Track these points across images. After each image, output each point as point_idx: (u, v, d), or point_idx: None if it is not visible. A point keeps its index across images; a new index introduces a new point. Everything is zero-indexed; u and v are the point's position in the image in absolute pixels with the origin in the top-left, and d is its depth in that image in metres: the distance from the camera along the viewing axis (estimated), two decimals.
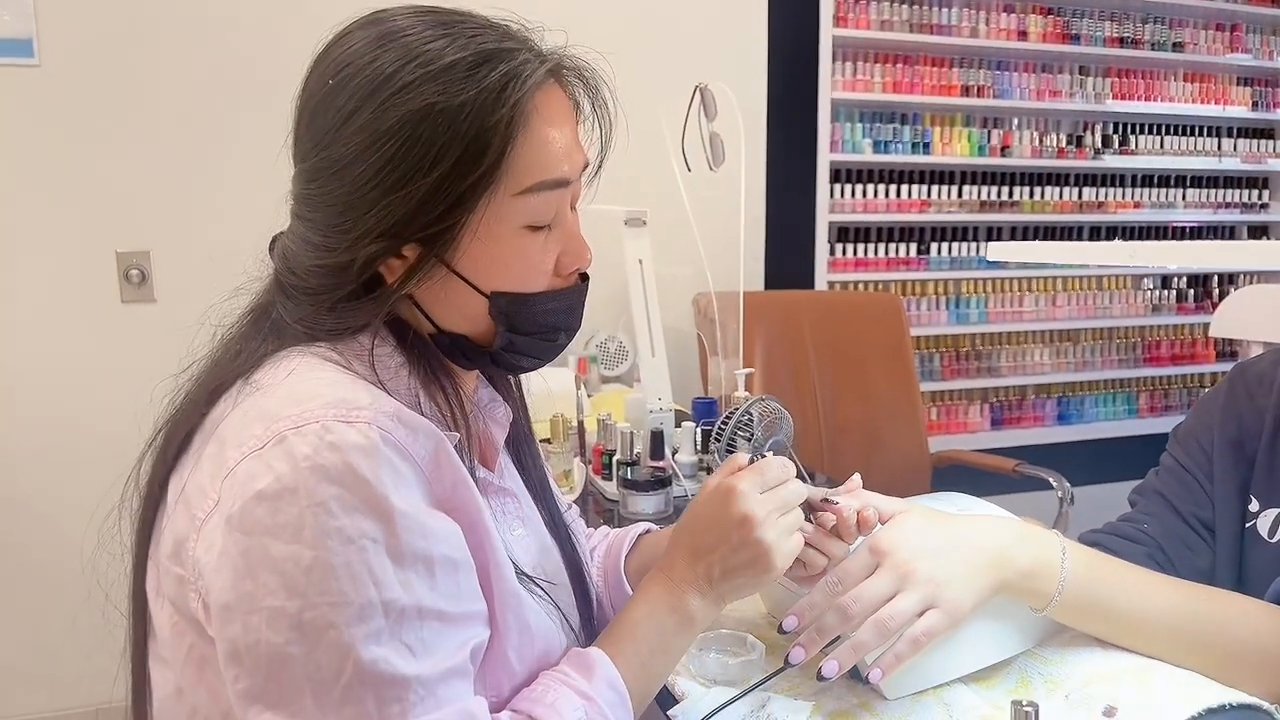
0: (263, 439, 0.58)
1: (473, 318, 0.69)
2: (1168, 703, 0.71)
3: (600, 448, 1.57)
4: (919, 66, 2.75)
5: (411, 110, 0.62)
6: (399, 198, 0.62)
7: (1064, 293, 3.03)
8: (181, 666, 0.62)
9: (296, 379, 0.62)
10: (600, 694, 0.65)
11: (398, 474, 0.59)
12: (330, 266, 0.65)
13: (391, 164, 0.62)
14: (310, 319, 0.66)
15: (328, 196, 0.65)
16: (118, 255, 2.12)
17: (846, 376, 2.30)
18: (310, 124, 0.66)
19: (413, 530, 0.58)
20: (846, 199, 2.74)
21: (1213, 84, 3.09)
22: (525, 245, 0.68)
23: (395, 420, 0.60)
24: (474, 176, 0.63)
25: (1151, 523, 1.01)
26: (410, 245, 0.65)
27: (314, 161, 0.66)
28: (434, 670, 0.58)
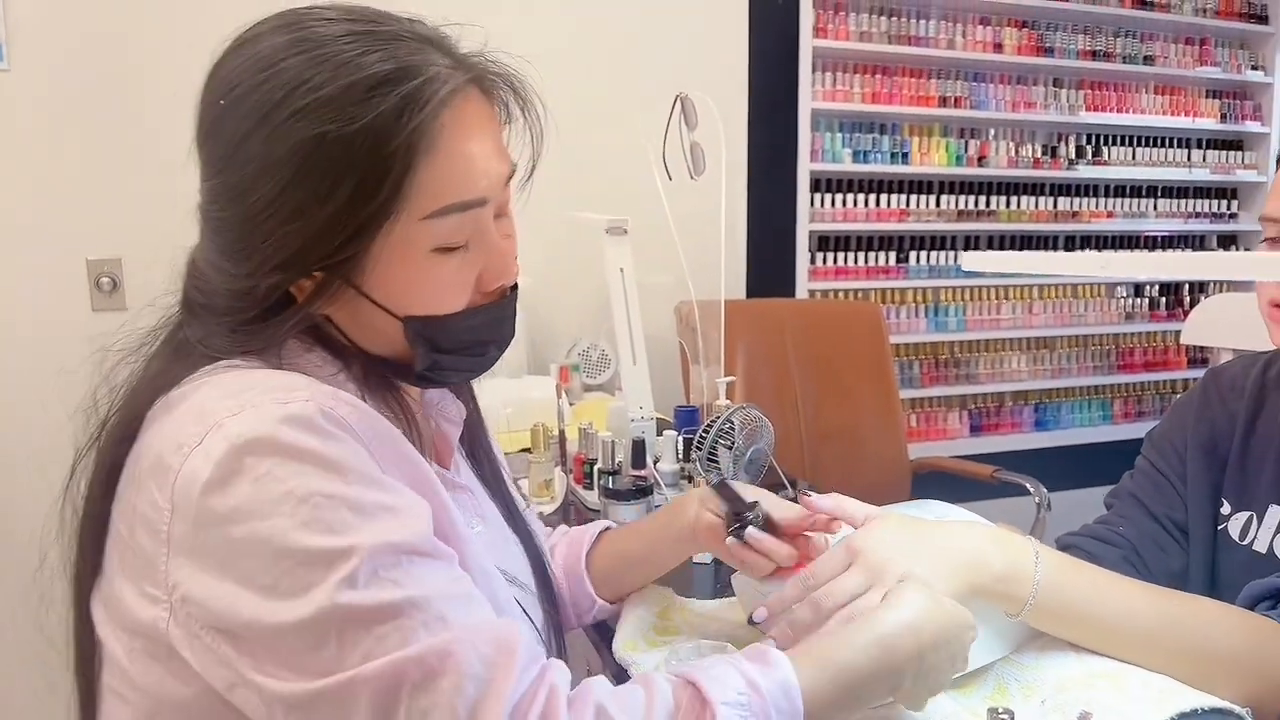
0: (199, 434, 0.56)
1: (390, 340, 0.66)
2: (1142, 707, 0.72)
3: (581, 456, 1.57)
4: (897, 77, 2.78)
5: (303, 139, 0.58)
6: (295, 229, 0.60)
7: (1040, 300, 3.07)
8: (143, 697, 0.60)
9: (226, 379, 0.60)
10: (770, 692, 0.58)
11: (338, 440, 0.57)
12: (236, 290, 0.63)
13: (284, 194, 0.59)
14: (213, 339, 0.63)
15: (228, 220, 0.62)
16: (88, 263, 2.09)
17: (827, 384, 2.32)
18: (205, 144, 0.64)
19: (365, 480, 0.56)
20: (826, 208, 2.76)
21: (1183, 96, 3.14)
22: (437, 268, 0.64)
23: (335, 399, 0.59)
24: (371, 207, 0.60)
25: (1126, 525, 1.03)
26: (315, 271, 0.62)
27: (212, 181, 0.63)
28: (428, 593, 0.55)
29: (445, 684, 0.52)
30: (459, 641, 0.54)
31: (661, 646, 0.92)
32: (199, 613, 0.56)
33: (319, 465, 0.55)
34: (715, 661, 0.61)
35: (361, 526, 0.55)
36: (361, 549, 0.54)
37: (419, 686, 0.52)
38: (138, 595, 0.58)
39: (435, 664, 0.53)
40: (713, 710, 0.56)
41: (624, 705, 0.56)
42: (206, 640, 0.56)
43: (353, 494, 0.56)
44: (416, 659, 0.53)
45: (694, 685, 0.58)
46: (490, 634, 0.55)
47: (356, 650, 0.53)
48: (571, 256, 2.28)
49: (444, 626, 0.54)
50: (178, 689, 0.59)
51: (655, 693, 0.57)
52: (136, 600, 0.59)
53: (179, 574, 0.56)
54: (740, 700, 0.57)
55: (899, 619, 0.66)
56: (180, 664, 0.58)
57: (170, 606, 0.57)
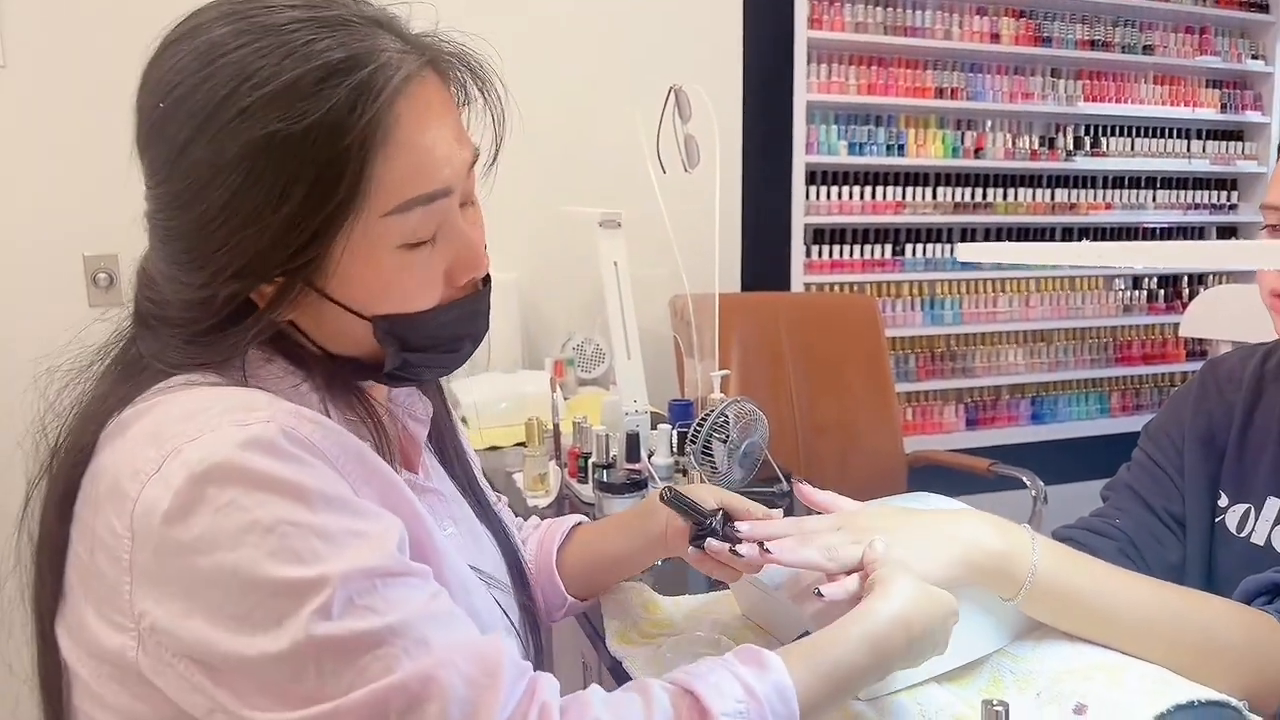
0: (157, 460, 0.54)
1: (358, 341, 0.64)
2: (1138, 699, 0.72)
3: (576, 451, 1.56)
4: (893, 68, 2.76)
5: (251, 139, 0.55)
6: (249, 235, 0.56)
7: (1037, 293, 3.06)
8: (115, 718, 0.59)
9: (181, 398, 0.58)
10: (768, 697, 0.58)
11: (303, 464, 0.55)
12: (193, 300, 0.59)
13: (235, 200, 0.56)
14: (168, 354, 0.60)
15: (177, 229, 0.59)
16: (85, 259, 2.09)
17: (822, 378, 2.31)
18: (146, 150, 0.60)
19: (332, 507, 0.55)
20: (822, 200, 2.75)
21: (1182, 86, 3.13)
22: (404, 266, 0.61)
23: (298, 416, 0.57)
24: (329, 208, 0.57)
25: (1123, 518, 1.02)
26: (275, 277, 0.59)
27: (156, 189, 0.60)
28: (407, 618, 0.53)
29: (431, 709, 0.51)
30: (442, 665, 0.53)
31: (655, 640, 0.91)
32: (170, 642, 0.54)
33: (283, 492, 0.53)
34: (710, 666, 0.60)
35: (331, 554, 0.53)
36: (333, 578, 0.52)
37: (404, 714, 0.51)
38: (102, 622, 0.57)
39: (419, 690, 0.52)
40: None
41: (621, 717, 0.55)
42: (180, 669, 0.54)
43: (319, 521, 0.54)
44: (400, 686, 0.51)
45: (692, 694, 0.57)
46: (473, 653, 0.54)
47: (339, 681, 0.52)
48: (565, 251, 2.27)
49: (425, 650, 0.53)
50: (148, 713, 0.57)
51: (653, 703, 0.56)
52: (101, 627, 0.57)
53: (144, 603, 0.54)
54: (739, 709, 0.56)
55: (889, 611, 0.65)
56: (150, 689, 0.56)
57: (138, 635, 0.55)
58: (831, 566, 0.71)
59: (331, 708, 0.51)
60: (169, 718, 0.56)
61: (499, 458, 1.74)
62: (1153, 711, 0.70)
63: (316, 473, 0.55)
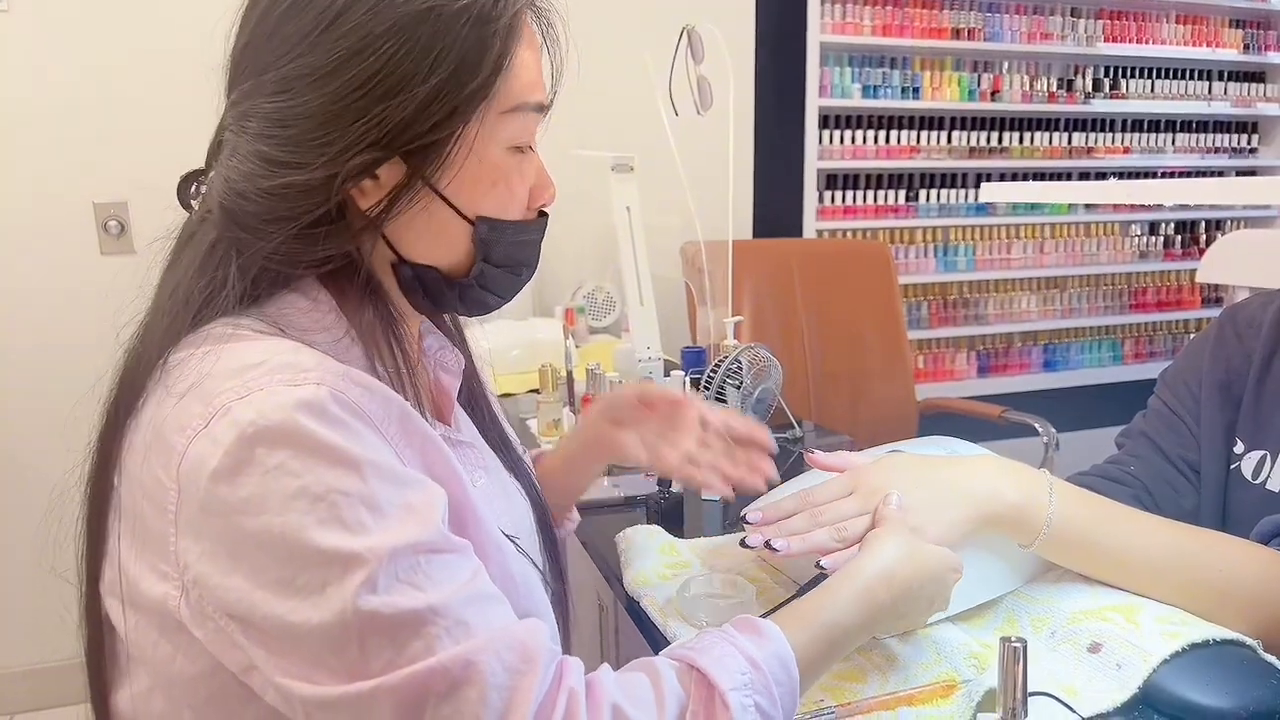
0: (205, 416, 0.54)
1: (450, 247, 0.66)
2: (1153, 639, 0.72)
3: (589, 397, 1.56)
4: (908, 9, 2.70)
5: (409, 12, 0.58)
6: (393, 105, 0.58)
7: (1052, 240, 3.03)
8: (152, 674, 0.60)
9: (229, 351, 0.58)
10: (770, 667, 0.59)
11: (352, 430, 0.55)
12: (299, 186, 0.60)
13: (387, 68, 0.58)
14: (283, 251, 0.61)
15: (304, 107, 0.59)
16: (95, 206, 2.08)
17: (835, 325, 2.30)
18: (278, 29, 0.60)
19: (381, 476, 0.55)
20: (835, 145, 2.71)
21: (1205, 26, 3.06)
22: (510, 168, 0.66)
23: (346, 380, 0.57)
24: (473, 85, 0.60)
25: (1137, 464, 1.02)
26: (392, 164, 0.61)
27: (285, 69, 0.60)
28: (449, 598, 0.54)
29: (471, 694, 0.52)
30: (482, 650, 0.53)
31: (672, 580, 0.92)
32: (211, 597, 0.54)
33: (334, 459, 0.54)
34: (712, 640, 0.61)
35: (379, 526, 0.54)
36: (380, 551, 0.53)
37: (444, 697, 0.52)
38: (146, 569, 0.57)
39: (459, 674, 0.52)
40: (723, 697, 0.56)
41: (635, 699, 0.56)
42: (220, 622, 0.55)
43: (368, 490, 0.54)
44: (441, 670, 0.52)
45: (697, 669, 0.58)
46: (513, 639, 0.55)
47: (380, 658, 0.52)
48: (576, 195, 2.23)
49: (466, 633, 0.53)
50: (187, 666, 0.58)
51: (663, 683, 0.57)
52: (145, 574, 0.57)
53: (188, 555, 0.55)
54: (744, 681, 0.57)
55: (874, 569, 0.67)
56: (190, 640, 0.57)
57: (182, 585, 0.55)
58: (842, 546, 0.73)
59: (372, 686, 0.52)
60: (206, 670, 0.57)
61: (512, 404, 1.74)
62: (1168, 651, 0.70)
63: (365, 439, 0.56)
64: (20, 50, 1.98)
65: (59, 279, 2.07)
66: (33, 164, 2.03)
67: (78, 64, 2.02)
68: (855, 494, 0.77)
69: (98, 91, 2.04)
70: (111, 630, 0.62)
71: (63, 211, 2.06)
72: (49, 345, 2.07)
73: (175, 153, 0.71)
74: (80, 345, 2.17)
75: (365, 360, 0.63)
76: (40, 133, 2.02)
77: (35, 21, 1.98)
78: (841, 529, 0.74)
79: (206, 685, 0.58)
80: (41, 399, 2.07)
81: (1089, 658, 0.73)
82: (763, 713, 0.57)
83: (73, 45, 2.01)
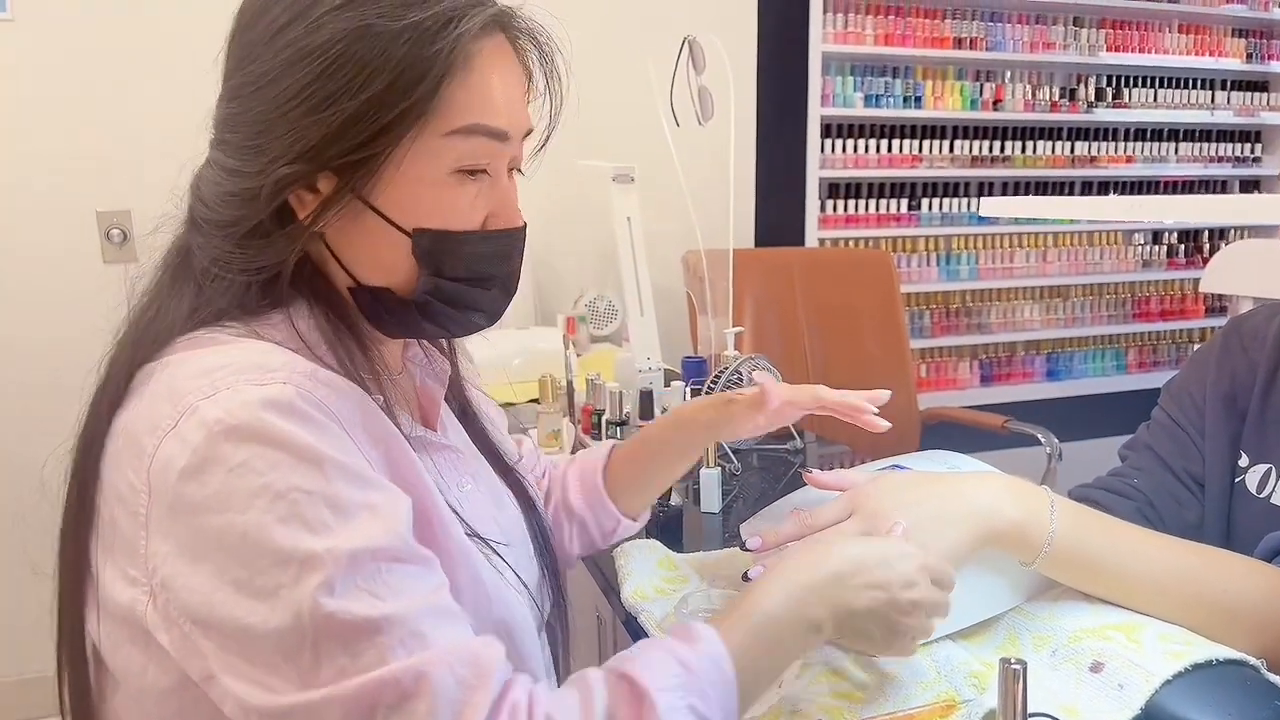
0: (174, 416, 0.55)
1: (392, 263, 0.65)
2: (1155, 658, 0.71)
3: (589, 407, 1.56)
4: (911, 18, 2.70)
5: (346, 28, 0.59)
6: (321, 119, 0.59)
7: (1054, 248, 3.02)
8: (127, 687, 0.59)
9: (199, 355, 0.59)
10: (702, 668, 0.58)
11: (318, 426, 0.55)
12: (240, 193, 0.61)
13: (318, 81, 0.59)
14: (222, 256, 0.62)
15: (246, 115, 0.61)
16: (98, 215, 2.08)
17: (837, 334, 2.29)
18: (239, 40, 0.63)
19: (346, 476, 0.55)
20: (837, 154, 2.71)
21: (1208, 35, 3.05)
22: (452, 192, 0.64)
23: (313, 379, 0.57)
24: (403, 105, 0.59)
25: (1141, 477, 1.01)
26: (326, 175, 0.61)
27: (237, 79, 0.62)
28: (407, 609, 0.53)
29: (420, 706, 0.51)
30: (436, 662, 0.52)
31: (670, 595, 0.92)
32: (175, 600, 0.54)
33: (298, 456, 0.54)
34: (644, 647, 0.60)
35: (340, 527, 0.53)
36: (339, 553, 0.52)
37: (393, 709, 0.51)
38: (118, 575, 0.57)
39: (410, 685, 0.51)
40: (650, 698, 0.55)
41: (564, 708, 0.56)
42: (184, 628, 0.55)
43: (332, 490, 0.54)
44: (392, 680, 0.51)
45: (627, 676, 0.57)
46: (467, 653, 0.54)
47: (333, 665, 0.52)
48: (578, 206, 2.25)
49: (421, 644, 0.53)
50: (159, 677, 0.57)
51: (593, 693, 0.56)
52: (116, 581, 0.57)
53: (156, 558, 0.55)
54: (675, 683, 0.56)
55: (802, 557, 0.66)
56: (159, 650, 0.56)
57: (150, 589, 0.55)
58: None
59: (322, 696, 0.51)
60: (177, 683, 0.57)
61: (513, 414, 1.74)
62: (1170, 671, 0.69)
63: (331, 437, 0.56)
64: (24, 58, 1.99)
65: (62, 287, 2.07)
66: (36, 172, 2.03)
67: (81, 72, 2.02)
68: (855, 516, 0.77)
69: (101, 99, 2.04)
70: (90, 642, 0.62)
71: (66, 220, 2.06)
72: (51, 353, 2.07)
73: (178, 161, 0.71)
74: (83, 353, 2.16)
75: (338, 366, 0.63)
76: (44, 141, 2.02)
77: (39, 29, 1.98)
78: None
79: (178, 698, 0.57)
80: (44, 405, 2.07)
81: (1091, 677, 0.72)
82: (696, 713, 0.56)
83: (76, 53, 2.01)
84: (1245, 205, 0.82)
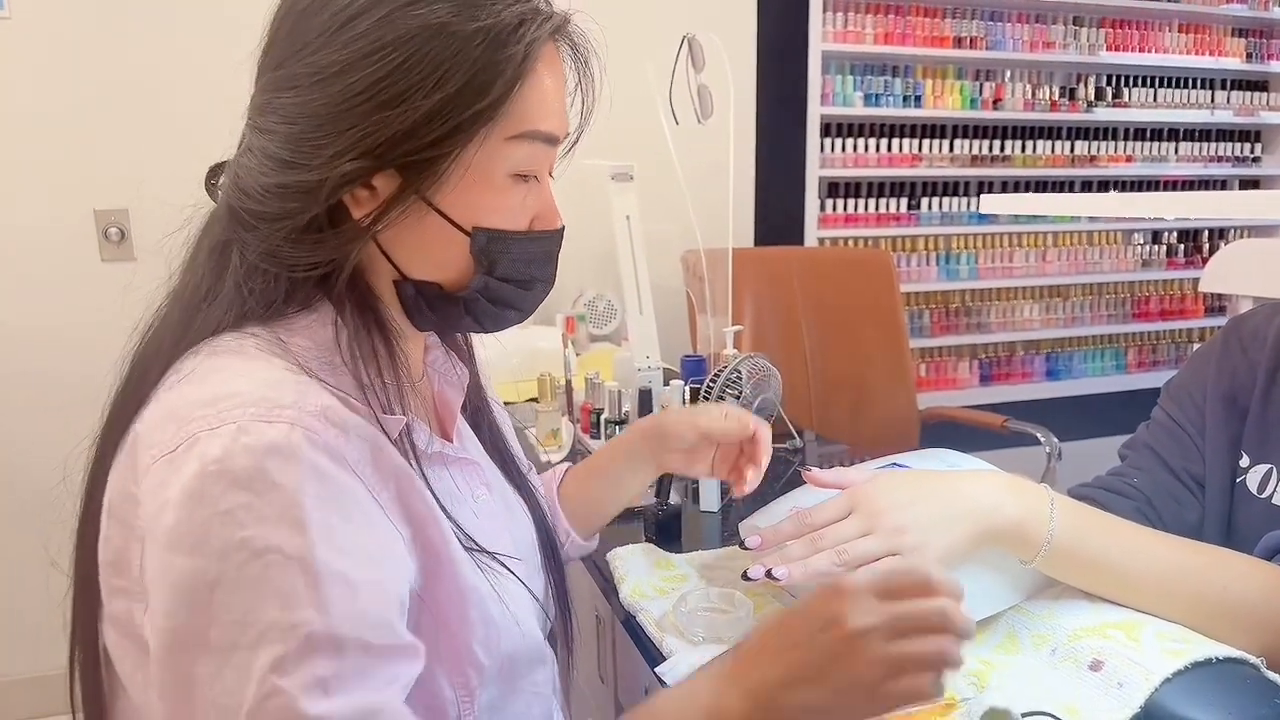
0: (174, 442, 0.53)
1: (447, 261, 0.64)
2: (1155, 656, 0.71)
3: (588, 406, 1.56)
4: (911, 17, 2.70)
5: (424, 24, 0.57)
6: (392, 115, 0.57)
7: (1054, 248, 3.02)
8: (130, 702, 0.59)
9: (215, 372, 0.57)
10: None
11: (323, 479, 0.53)
12: (293, 186, 0.59)
13: (391, 77, 0.57)
14: (274, 250, 0.60)
15: (305, 106, 0.59)
16: (96, 213, 2.07)
17: (836, 333, 2.29)
18: (296, 26, 0.60)
19: (333, 544, 0.52)
20: (837, 153, 2.70)
21: (1207, 35, 3.05)
22: (508, 195, 0.64)
23: (323, 420, 0.55)
24: (477, 107, 0.59)
25: (1140, 477, 1.01)
26: (386, 174, 0.60)
27: (295, 67, 0.59)
28: (346, 710, 0.51)
29: None
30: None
31: (669, 594, 0.92)
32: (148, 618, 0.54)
33: (284, 516, 0.51)
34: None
35: (310, 602, 0.51)
36: (300, 633, 0.50)
37: None
38: (110, 584, 0.57)
39: None
40: None
41: None
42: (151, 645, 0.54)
43: (312, 557, 0.51)
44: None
45: None
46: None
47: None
48: (577, 204, 2.22)
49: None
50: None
51: None
52: (111, 590, 0.57)
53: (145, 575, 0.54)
54: None
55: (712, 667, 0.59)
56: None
57: (145, 601, 0.54)
58: (844, 571, 0.72)
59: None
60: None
61: (512, 413, 1.72)
62: (1170, 669, 0.69)
63: (331, 492, 0.54)
64: (22, 56, 1.98)
65: (59, 285, 2.07)
66: (34, 170, 2.03)
67: (79, 70, 2.02)
68: (855, 514, 0.76)
69: (99, 98, 2.04)
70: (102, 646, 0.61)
71: (63, 218, 2.06)
72: (49, 352, 2.07)
73: (176, 159, 0.70)
74: (81, 351, 2.17)
75: (354, 381, 0.61)
76: (42, 139, 2.02)
77: (37, 27, 1.98)
78: (842, 552, 0.73)
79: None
80: (42, 404, 2.07)
81: (1090, 676, 0.72)
82: None
83: (74, 51, 2.01)
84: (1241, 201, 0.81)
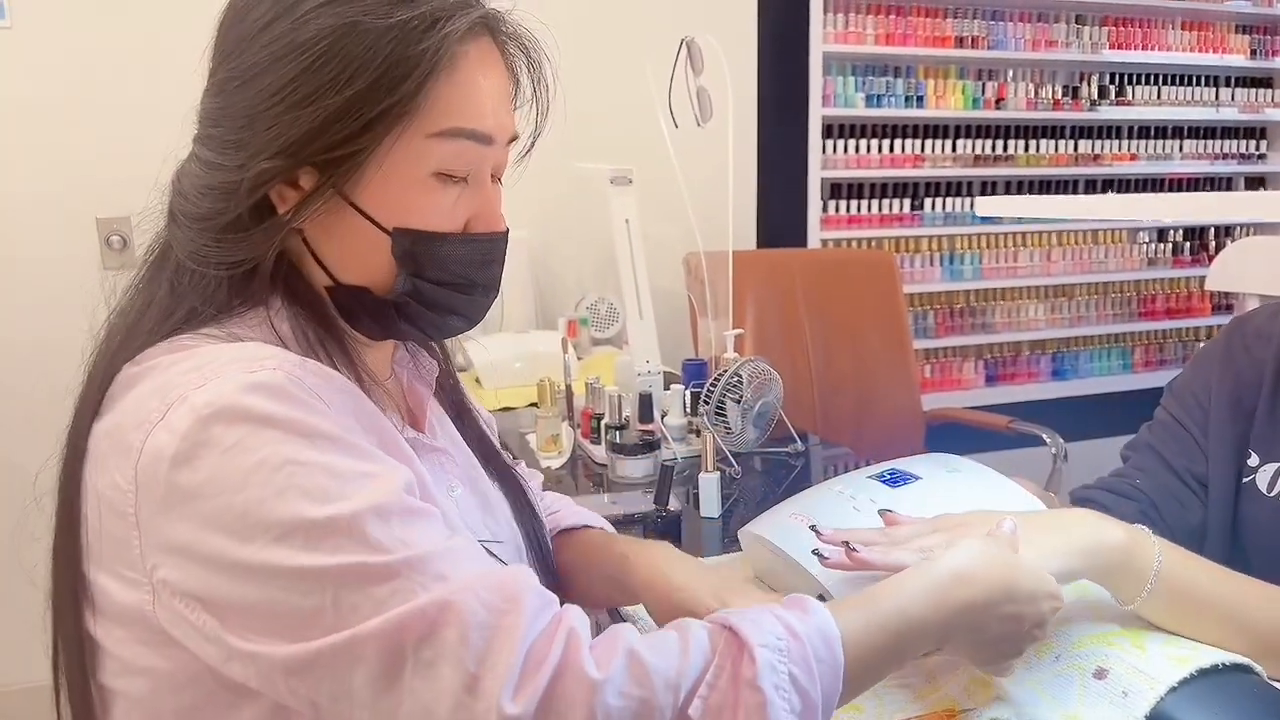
0: (161, 409, 0.54)
1: (372, 262, 0.64)
2: (1160, 664, 0.70)
3: (589, 411, 1.55)
4: (912, 17, 2.69)
5: (333, 24, 0.59)
6: (304, 114, 0.59)
7: (1059, 248, 3.00)
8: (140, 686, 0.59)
9: (189, 354, 0.58)
10: (810, 639, 0.55)
11: (308, 407, 0.55)
12: (219, 187, 0.61)
13: (302, 77, 0.59)
14: (199, 250, 0.62)
15: (229, 109, 0.61)
16: (98, 221, 2.07)
17: (839, 335, 2.28)
18: (227, 34, 0.63)
19: (342, 449, 0.55)
20: (839, 154, 2.69)
21: (1211, 32, 3.03)
22: (434, 195, 0.64)
23: (303, 368, 0.57)
24: (386, 103, 0.59)
25: (1144, 478, 1.00)
26: (307, 171, 0.61)
27: (221, 73, 0.62)
28: (421, 554, 0.53)
29: (450, 634, 0.51)
30: (460, 591, 0.52)
31: None
32: (179, 589, 0.54)
33: (290, 431, 0.54)
34: (753, 610, 0.58)
35: (340, 493, 0.53)
36: (342, 518, 0.52)
37: (423, 639, 0.51)
38: (117, 581, 0.57)
39: (436, 615, 0.51)
40: (751, 651, 0.53)
41: (656, 647, 0.54)
42: (192, 619, 0.54)
43: (326, 460, 0.54)
44: (417, 613, 0.51)
45: (730, 629, 0.55)
46: (493, 581, 0.53)
47: (355, 613, 0.51)
48: (576, 208, 2.24)
49: (443, 584, 0.52)
50: (173, 672, 0.57)
51: (690, 636, 0.55)
52: (117, 586, 0.57)
53: (154, 555, 0.54)
54: (779, 645, 0.54)
55: (952, 562, 0.63)
56: (172, 645, 0.56)
57: (153, 588, 0.55)
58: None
59: (346, 637, 0.51)
60: (196, 673, 0.57)
61: (512, 418, 1.73)
62: (1175, 677, 0.68)
63: (323, 416, 0.56)
64: (23, 64, 1.98)
65: (61, 293, 2.06)
66: (36, 179, 2.03)
67: (80, 78, 2.02)
68: (939, 532, 0.73)
69: (100, 106, 2.04)
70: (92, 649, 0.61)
71: (65, 226, 2.05)
72: (50, 359, 2.07)
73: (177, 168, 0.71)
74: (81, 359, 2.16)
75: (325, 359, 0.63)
76: (43, 147, 2.02)
77: (38, 35, 1.98)
78: (923, 549, 0.70)
79: (193, 690, 0.57)
80: (42, 411, 2.07)
81: (1094, 684, 0.71)
82: (798, 685, 0.53)
83: (76, 59, 2.01)
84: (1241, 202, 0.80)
